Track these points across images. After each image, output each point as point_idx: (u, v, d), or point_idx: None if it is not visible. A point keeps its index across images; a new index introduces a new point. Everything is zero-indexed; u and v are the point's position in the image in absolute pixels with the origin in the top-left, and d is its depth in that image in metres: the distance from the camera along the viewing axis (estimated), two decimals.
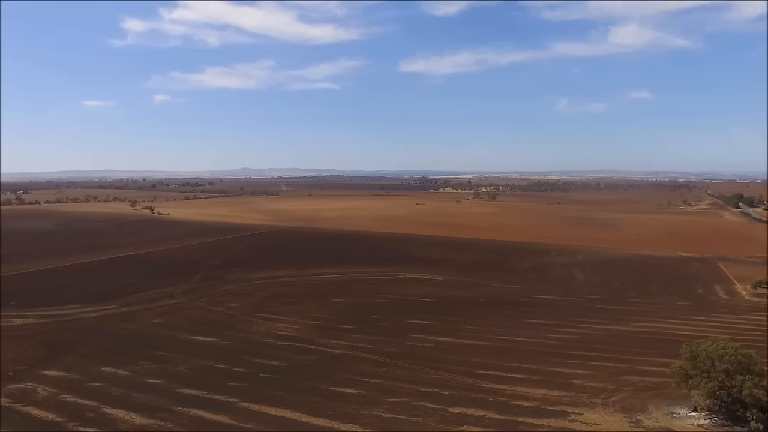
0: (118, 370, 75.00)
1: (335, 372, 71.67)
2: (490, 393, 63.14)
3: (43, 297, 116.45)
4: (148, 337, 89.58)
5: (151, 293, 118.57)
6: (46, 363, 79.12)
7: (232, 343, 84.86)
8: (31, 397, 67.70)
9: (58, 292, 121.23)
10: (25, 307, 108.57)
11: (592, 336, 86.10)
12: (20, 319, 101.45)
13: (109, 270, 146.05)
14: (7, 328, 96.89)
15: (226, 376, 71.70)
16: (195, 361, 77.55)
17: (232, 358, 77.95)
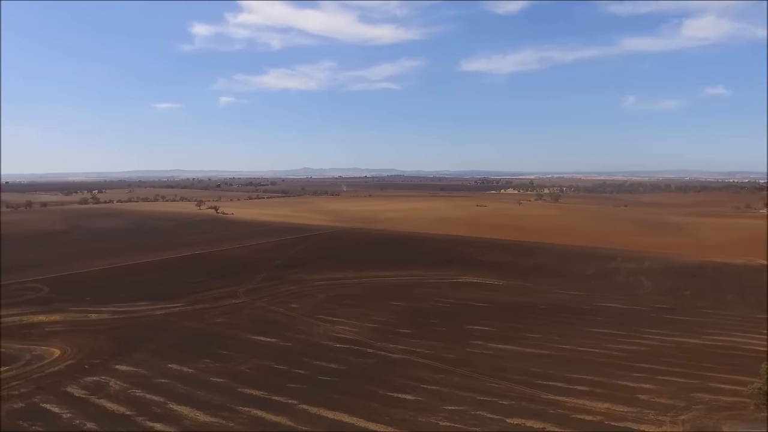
0: (184, 367, 77.77)
1: (393, 377, 71.70)
2: (551, 405, 61.55)
3: (116, 293, 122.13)
4: (211, 335, 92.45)
5: (216, 292, 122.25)
6: (118, 358, 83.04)
7: (292, 345, 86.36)
8: (104, 390, 71.19)
9: (130, 289, 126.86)
10: (100, 303, 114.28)
11: (660, 348, 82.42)
12: (95, 315, 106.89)
13: (176, 268, 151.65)
14: (84, 322, 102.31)
15: (286, 377, 73.03)
16: (256, 361, 79.43)
17: (292, 360, 79.30)
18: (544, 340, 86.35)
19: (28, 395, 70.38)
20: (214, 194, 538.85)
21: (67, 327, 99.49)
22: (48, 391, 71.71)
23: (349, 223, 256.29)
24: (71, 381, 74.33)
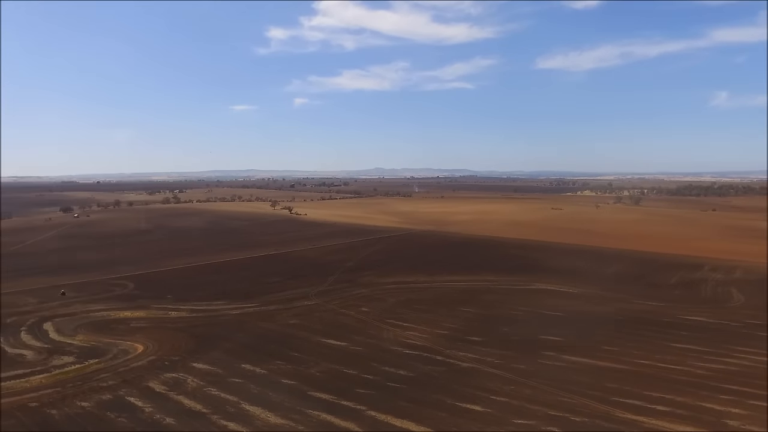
0: (257, 368, 79.92)
1: (462, 386, 70.73)
2: (627, 424, 58.77)
3: (195, 292, 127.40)
4: (284, 337, 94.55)
5: (289, 293, 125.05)
6: (195, 355, 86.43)
7: (362, 349, 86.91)
8: (182, 387, 74.27)
9: (208, 288, 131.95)
10: (179, 301, 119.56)
11: (752, 369, 76.86)
12: (175, 312, 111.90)
13: (252, 268, 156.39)
14: (164, 319, 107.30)
15: (355, 382, 73.55)
16: (326, 364, 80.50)
17: (362, 364, 79.77)
18: (621, 353, 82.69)
19: (115, 388, 74.46)
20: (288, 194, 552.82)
21: (150, 323, 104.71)
22: (132, 384, 75.64)
23: (421, 225, 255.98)
24: (153, 376, 78.06)
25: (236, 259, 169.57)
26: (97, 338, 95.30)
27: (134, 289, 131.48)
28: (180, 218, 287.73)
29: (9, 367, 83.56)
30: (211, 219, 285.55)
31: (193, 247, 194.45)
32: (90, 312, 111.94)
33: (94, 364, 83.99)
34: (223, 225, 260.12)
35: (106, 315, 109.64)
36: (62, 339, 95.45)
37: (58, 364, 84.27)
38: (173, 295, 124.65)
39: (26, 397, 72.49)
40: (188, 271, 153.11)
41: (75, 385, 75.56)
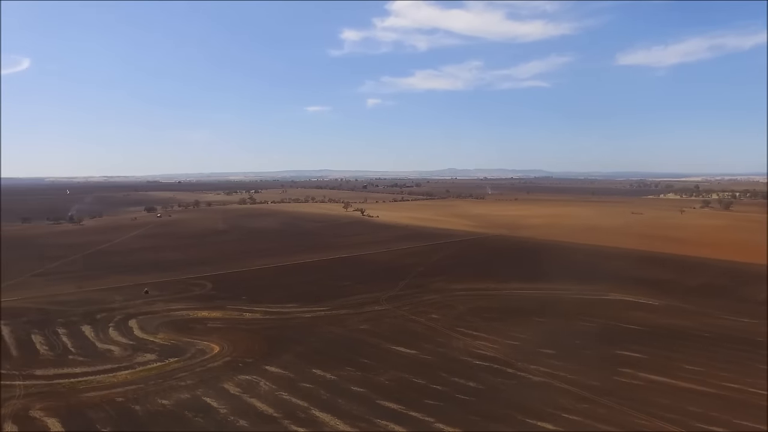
0: (327, 373, 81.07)
1: (532, 402, 68.94)
2: None
3: (269, 294, 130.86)
4: (354, 342, 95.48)
5: (359, 298, 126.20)
6: (268, 358, 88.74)
7: (432, 358, 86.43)
8: (255, 390, 76.42)
9: (281, 290, 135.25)
10: (254, 303, 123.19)
11: None
12: (249, 314, 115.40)
13: (324, 271, 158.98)
14: (239, 321, 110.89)
15: (424, 392, 73.19)
16: (395, 372, 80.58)
17: (431, 374, 79.32)
18: (706, 374, 78.01)
19: (193, 387, 77.62)
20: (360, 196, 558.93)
21: (225, 324, 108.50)
22: (208, 385, 78.57)
23: (493, 229, 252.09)
24: (228, 377, 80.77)
25: (309, 262, 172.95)
26: (176, 337, 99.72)
27: (212, 290, 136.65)
28: (256, 219, 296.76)
29: (99, 361, 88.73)
30: (285, 220, 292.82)
31: (268, 248, 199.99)
32: (171, 311, 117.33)
33: (173, 362, 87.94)
34: (296, 226, 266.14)
35: (185, 314, 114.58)
36: (145, 336, 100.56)
37: (141, 361, 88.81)
38: (248, 296, 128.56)
39: (113, 391, 76.80)
40: (263, 273, 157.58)
41: (156, 383, 79.38)
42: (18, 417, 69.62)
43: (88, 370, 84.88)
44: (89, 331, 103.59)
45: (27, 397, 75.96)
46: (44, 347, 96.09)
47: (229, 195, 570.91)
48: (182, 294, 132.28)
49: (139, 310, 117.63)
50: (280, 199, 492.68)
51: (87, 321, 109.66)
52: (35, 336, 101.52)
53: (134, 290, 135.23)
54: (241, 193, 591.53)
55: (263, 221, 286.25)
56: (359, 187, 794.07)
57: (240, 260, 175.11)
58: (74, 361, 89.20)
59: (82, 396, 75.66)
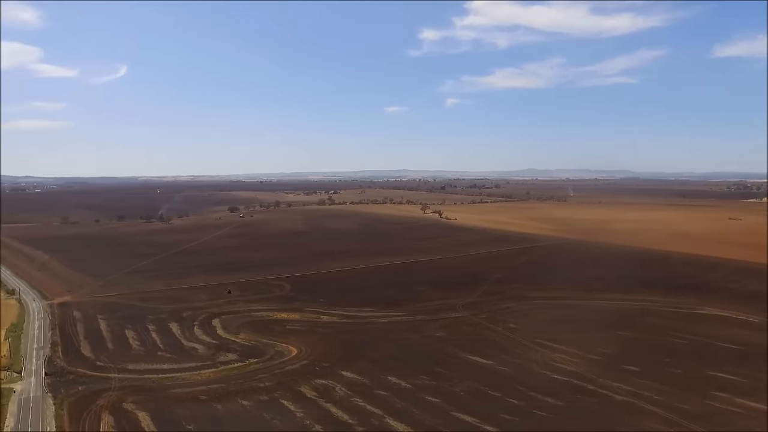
0: (402, 381, 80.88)
1: (615, 423, 65.73)
2: None
3: (346, 297, 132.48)
4: (430, 350, 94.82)
5: (436, 303, 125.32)
6: (344, 363, 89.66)
7: (508, 370, 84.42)
8: (331, 395, 77.36)
9: (357, 293, 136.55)
10: (331, 305, 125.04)
11: None
12: (326, 317, 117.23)
13: (400, 275, 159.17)
14: (317, 323, 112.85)
15: (500, 405, 71.49)
16: (471, 383, 79.26)
17: (507, 387, 77.44)
18: None
19: (271, 389, 79.60)
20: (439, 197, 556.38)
21: (303, 326, 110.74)
22: (286, 387, 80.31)
23: (575, 235, 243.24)
24: (304, 381, 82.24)
25: (386, 265, 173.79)
26: (256, 338, 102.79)
27: (290, 291, 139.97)
28: (334, 220, 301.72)
29: (185, 359, 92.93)
30: (363, 222, 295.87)
31: (346, 250, 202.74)
32: (251, 311, 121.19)
33: (253, 363, 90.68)
34: (374, 228, 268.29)
35: (265, 315, 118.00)
36: (227, 336, 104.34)
37: (223, 360, 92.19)
38: (325, 298, 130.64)
39: (198, 389, 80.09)
40: (340, 275, 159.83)
41: (237, 383, 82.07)
42: (113, 408, 73.95)
43: (174, 367, 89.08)
44: (176, 329, 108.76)
45: (121, 390, 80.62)
46: (136, 342, 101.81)
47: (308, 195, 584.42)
48: (262, 295, 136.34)
49: (222, 309, 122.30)
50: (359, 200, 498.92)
51: (174, 318, 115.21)
52: (128, 331, 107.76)
53: (218, 289, 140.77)
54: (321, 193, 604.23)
55: (341, 222, 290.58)
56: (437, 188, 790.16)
57: (318, 262, 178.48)
58: (162, 357, 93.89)
59: (169, 392, 79.42)
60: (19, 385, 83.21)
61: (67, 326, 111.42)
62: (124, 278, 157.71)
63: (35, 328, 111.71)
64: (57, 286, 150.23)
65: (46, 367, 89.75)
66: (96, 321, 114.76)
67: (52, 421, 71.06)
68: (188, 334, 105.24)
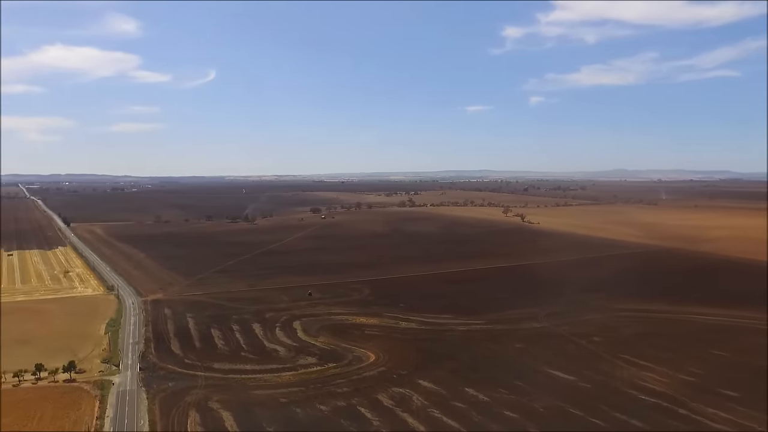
0: (479, 393, 79.44)
1: None
2: None
3: (424, 302, 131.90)
4: (509, 362, 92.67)
5: (516, 312, 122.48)
6: (422, 372, 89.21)
7: (591, 387, 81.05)
8: (408, 404, 77.11)
9: (436, 299, 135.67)
10: (410, 311, 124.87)
11: None
12: (405, 323, 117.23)
13: (480, 281, 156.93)
14: (395, 329, 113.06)
15: (581, 426, 68.65)
16: (551, 399, 76.71)
17: (590, 405, 74.28)
18: None
19: (349, 395, 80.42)
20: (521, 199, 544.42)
21: (381, 332, 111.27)
22: (363, 394, 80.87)
23: (666, 242, 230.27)
24: (382, 388, 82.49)
25: (465, 270, 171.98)
26: (335, 342, 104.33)
27: (369, 295, 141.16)
28: (414, 222, 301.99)
29: (266, 360, 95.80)
30: (443, 224, 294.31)
31: (425, 254, 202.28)
32: (331, 314, 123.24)
33: (332, 368, 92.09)
34: (454, 232, 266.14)
35: (344, 319, 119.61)
36: (308, 339, 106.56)
37: (303, 363, 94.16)
38: (404, 303, 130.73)
39: (278, 392, 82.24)
40: (419, 280, 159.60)
41: (316, 387, 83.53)
42: (200, 406, 77.30)
43: (256, 368, 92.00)
44: (259, 330, 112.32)
45: (207, 388, 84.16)
46: (221, 342, 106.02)
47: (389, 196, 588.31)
48: (342, 298, 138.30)
49: (303, 311, 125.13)
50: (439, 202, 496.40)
51: (257, 319, 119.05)
52: (214, 330, 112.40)
53: (299, 291, 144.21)
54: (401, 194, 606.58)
55: (421, 225, 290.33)
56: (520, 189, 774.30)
57: (397, 265, 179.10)
58: (245, 358, 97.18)
59: (251, 393, 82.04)
60: (117, 378, 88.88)
61: (158, 323, 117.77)
62: (211, 277, 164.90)
63: (131, 323, 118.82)
64: (150, 283, 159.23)
65: (141, 362, 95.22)
66: (185, 319, 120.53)
67: (145, 414, 75.33)
68: (270, 336, 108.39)
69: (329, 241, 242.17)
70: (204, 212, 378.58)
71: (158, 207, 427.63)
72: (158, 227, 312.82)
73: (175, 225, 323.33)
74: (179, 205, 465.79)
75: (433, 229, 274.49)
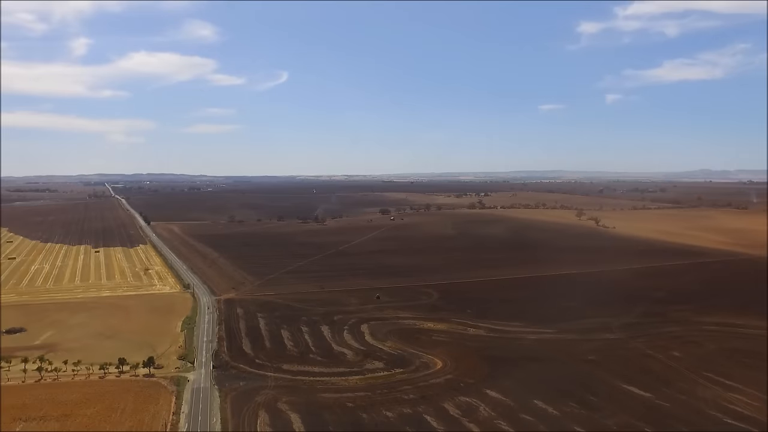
0: (548, 406, 76.92)
1: None
2: None
3: (493, 309, 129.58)
4: (580, 374, 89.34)
5: (588, 322, 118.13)
6: (489, 381, 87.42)
7: (670, 406, 76.77)
8: (474, 414, 75.68)
9: (505, 306, 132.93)
10: (478, 318, 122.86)
11: None
12: (473, 330, 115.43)
13: (551, 288, 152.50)
14: (463, 336, 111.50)
15: None
16: (625, 417, 73.25)
17: (668, 426, 70.47)
18: None
19: (415, 402, 79.77)
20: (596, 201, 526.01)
21: (449, 338, 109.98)
22: (429, 402, 79.96)
23: (757, 250, 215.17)
24: (448, 397, 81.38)
25: (536, 276, 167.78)
26: (403, 347, 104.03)
27: (438, 299, 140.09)
28: (484, 225, 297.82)
29: (334, 363, 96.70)
30: (513, 227, 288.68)
31: (495, 258, 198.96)
32: (399, 319, 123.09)
33: (399, 373, 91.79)
34: (525, 236, 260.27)
35: (412, 324, 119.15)
36: (375, 343, 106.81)
37: (370, 368, 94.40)
38: (473, 309, 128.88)
39: (345, 396, 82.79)
40: (488, 285, 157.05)
41: (382, 393, 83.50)
42: (269, 407, 78.95)
43: (324, 371, 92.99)
44: (327, 332, 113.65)
45: (276, 389, 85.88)
46: (290, 343, 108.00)
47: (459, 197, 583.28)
48: (410, 302, 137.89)
49: (371, 315, 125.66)
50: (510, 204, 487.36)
51: (326, 321, 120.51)
52: (284, 331, 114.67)
53: (367, 294, 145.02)
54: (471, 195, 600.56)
55: (491, 228, 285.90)
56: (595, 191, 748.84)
57: (466, 270, 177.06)
58: (314, 360, 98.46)
59: (319, 396, 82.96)
60: (191, 375, 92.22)
61: (231, 322, 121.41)
62: (281, 278, 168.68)
63: (205, 321, 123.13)
64: (223, 282, 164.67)
65: (214, 360, 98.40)
66: (256, 319, 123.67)
67: (218, 412, 77.70)
68: (338, 339, 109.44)
69: (398, 243, 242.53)
70: (275, 212, 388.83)
71: (232, 207, 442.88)
72: (232, 227, 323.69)
73: (247, 225, 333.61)
74: (252, 204, 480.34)
75: (502, 233, 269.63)
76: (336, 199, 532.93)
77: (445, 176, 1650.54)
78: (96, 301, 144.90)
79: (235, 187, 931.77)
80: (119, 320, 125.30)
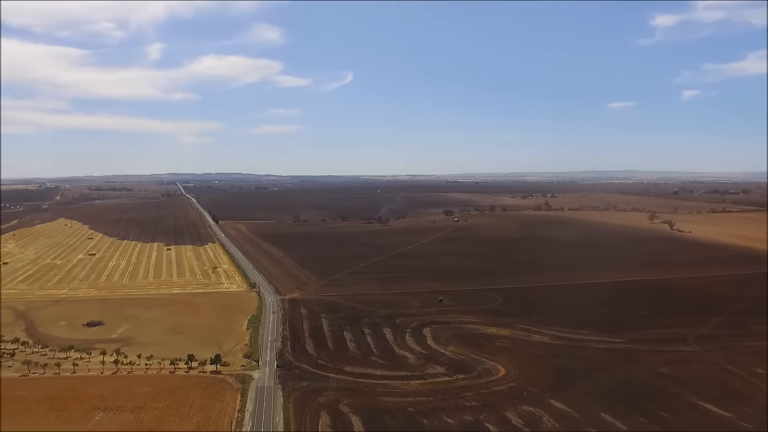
0: (616, 420, 73.92)
1: None
2: None
3: (560, 315, 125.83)
4: (651, 388, 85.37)
5: (661, 332, 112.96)
6: (554, 391, 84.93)
7: (753, 428, 72.08)
8: (537, 425, 73.64)
9: (572, 312, 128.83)
10: (543, 324, 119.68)
11: None
12: (538, 336, 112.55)
13: (621, 295, 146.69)
14: (527, 343, 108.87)
15: None
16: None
17: None
18: None
19: (476, 410, 78.46)
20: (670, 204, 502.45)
21: (513, 344, 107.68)
22: (491, 410, 78.42)
23: None
24: (511, 406, 79.55)
25: (605, 282, 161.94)
26: (465, 352, 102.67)
27: (502, 304, 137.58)
28: (550, 228, 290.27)
29: (396, 366, 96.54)
30: (581, 231, 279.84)
31: (561, 262, 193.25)
32: (462, 323, 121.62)
33: (460, 379, 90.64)
34: (593, 239, 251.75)
35: (474, 329, 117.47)
36: (437, 347, 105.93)
37: (432, 372, 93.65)
38: (538, 315, 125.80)
39: (406, 400, 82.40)
40: (555, 290, 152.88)
41: (444, 398, 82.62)
42: (330, 408, 79.70)
43: (386, 374, 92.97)
44: (389, 334, 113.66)
45: (338, 391, 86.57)
46: (353, 344, 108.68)
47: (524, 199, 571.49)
48: (473, 306, 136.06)
49: (433, 318, 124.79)
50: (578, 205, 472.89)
51: (388, 324, 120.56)
52: (346, 332, 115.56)
53: (430, 297, 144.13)
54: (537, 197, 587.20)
55: (558, 231, 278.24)
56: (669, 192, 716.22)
57: (531, 273, 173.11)
58: (376, 362, 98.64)
59: (380, 399, 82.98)
60: (256, 374, 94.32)
61: (295, 322, 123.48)
62: (345, 279, 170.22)
63: (270, 321, 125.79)
64: (288, 282, 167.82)
65: (278, 359, 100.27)
66: (319, 319, 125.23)
67: (280, 411, 79.07)
68: (400, 342, 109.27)
69: (461, 245, 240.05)
70: (340, 212, 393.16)
71: (297, 207, 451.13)
72: (297, 226, 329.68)
73: (312, 225, 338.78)
74: (316, 204, 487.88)
75: (570, 236, 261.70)
76: (400, 199, 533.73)
77: (510, 176, 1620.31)
78: (167, 297, 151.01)
79: (300, 187, 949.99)
80: (189, 317, 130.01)
